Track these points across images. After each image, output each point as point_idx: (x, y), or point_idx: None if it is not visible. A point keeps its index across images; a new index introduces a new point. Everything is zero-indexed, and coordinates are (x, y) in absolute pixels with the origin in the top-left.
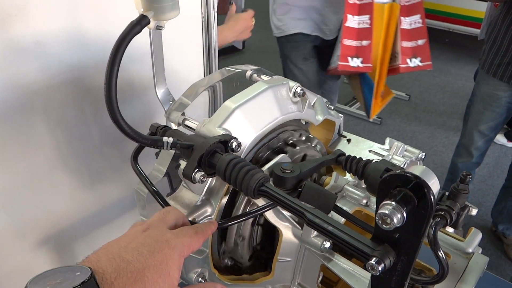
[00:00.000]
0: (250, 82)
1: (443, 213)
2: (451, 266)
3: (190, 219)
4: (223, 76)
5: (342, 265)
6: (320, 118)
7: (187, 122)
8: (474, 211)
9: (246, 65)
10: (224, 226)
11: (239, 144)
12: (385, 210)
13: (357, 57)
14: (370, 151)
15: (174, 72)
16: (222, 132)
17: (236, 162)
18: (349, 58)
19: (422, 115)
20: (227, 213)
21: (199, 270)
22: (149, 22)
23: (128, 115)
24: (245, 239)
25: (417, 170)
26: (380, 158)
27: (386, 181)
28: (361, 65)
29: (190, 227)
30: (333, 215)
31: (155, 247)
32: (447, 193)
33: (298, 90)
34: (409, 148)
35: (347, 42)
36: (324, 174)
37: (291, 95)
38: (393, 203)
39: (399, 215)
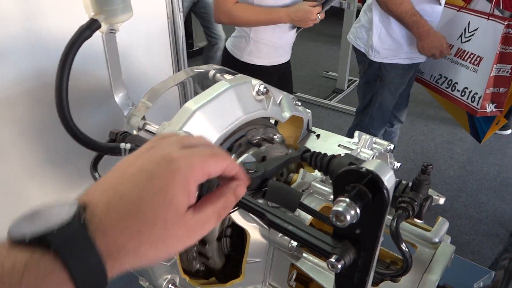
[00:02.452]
0: (214, 82)
1: (405, 205)
2: (418, 256)
3: None
4: (188, 76)
5: (311, 263)
6: (286, 115)
7: (147, 127)
8: (441, 200)
9: (209, 65)
10: None
11: None
12: (338, 208)
13: (493, 103)
14: (339, 145)
15: (142, 74)
16: (183, 135)
17: None
18: (487, 105)
19: None
20: None
21: (169, 276)
22: (99, 26)
23: (96, 122)
24: (214, 242)
25: (372, 164)
26: (349, 152)
27: (340, 177)
28: (494, 109)
29: (209, 148)
30: (300, 213)
31: (154, 172)
32: (410, 184)
33: (261, 88)
34: (378, 140)
35: (489, 90)
36: (293, 172)
37: (254, 93)
38: (347, 199)
39: (352, 212)
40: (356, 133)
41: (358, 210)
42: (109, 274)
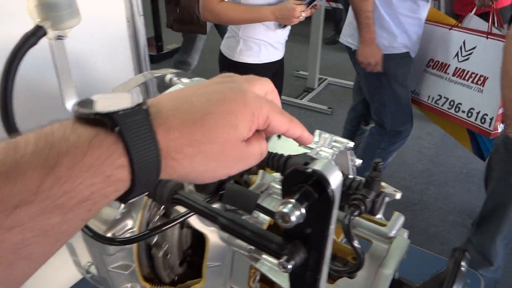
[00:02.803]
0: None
1: (357, 202)
2: (373, 252)
3: (109, 235)
4: (145, 80)
5: (269, 264)
6: None
7: None
8: (398, 195)
9: (166, 68)
10: (144, 238)
11: None
12: (283, 209)
13: (503, 123)
14: (300, 145)
15: (104, 80)
16: None
17: None
18: (498, 125)
19: None
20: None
21: (129, 285)
22: (45, 33)
23: None
24: (173, 247)
25: (319, 164)
26: (309, 151)
27: (287, 178)
28: (503, 129)
29: (279, 107)
30: (259, 214)
31: (228, 96)
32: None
33: None
34: (338, 138)
35: (500, 111)
36: (254, 173)
37: None
38: (293, 200)
39: (297, 213)
40: (317, 132)
41: (303, 211)
42: (160, 175)
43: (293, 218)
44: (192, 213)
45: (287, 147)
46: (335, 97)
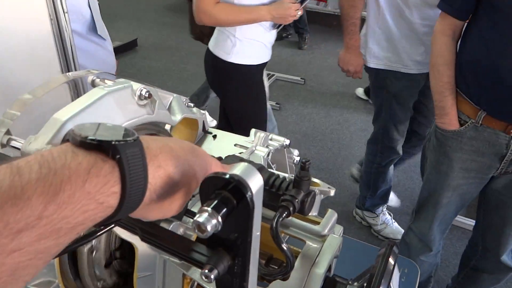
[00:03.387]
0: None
1: (285, 203)
2: (305, 252)
3: None
4: (67, 80)
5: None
6: (177, 118)
7: (13, 142)
8: (332, 192)
9: (87, 70)
10: (62, 254)
11: None
12: (198, 218)
13: None
14: (235, 144)
15: (28, 82)
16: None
17: None
18: None
19: (318, 97)
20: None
21: None
22: None
23: None
24: (101, 244)
25: (237, 169)
26: (244, 151)
27: (204, 185)
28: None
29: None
30: (190, 220)
31: (195, 148)
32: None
33: (143, 92)
34: (275, 136)
35: None
36: None
37: (136, 98)
38: (209, 209)
39: (214, 221)
40: (252, 131)
41: (220, 219)
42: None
43: (209, 228)
44: (113, 226)
45: (221, 147)
46: (283, 92)
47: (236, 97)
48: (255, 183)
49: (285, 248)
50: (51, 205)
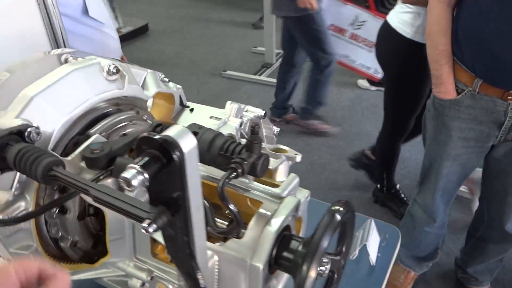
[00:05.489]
0: None
1: (234, 165)
2: (262, 212)
3: (1, 217)
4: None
5: None
6: (150, 93)
7: None
8: (298, 158)
9: (62, 48)
10: (32, 217)
11: (38, 133)
12: (126, 174)
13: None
14: (211, 117)
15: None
16: (20, 122)
17: (26, 151)
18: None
19: None
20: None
21: None
22: None
23: None
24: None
25: (170, 130)
26: (218, 122)
27: (137, 145)
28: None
29: None
30: None
31: None
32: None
33: (111, 68)
34: (250, 108)
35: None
36: None
37: (104, 74)
38: (136, 166)
39: (140, 178)
40: (228, 103)
41: (146, 176)
42: None
43: (134, 183)
44: (73, 192)
45: (197, 120)
46: None
47: None
48: (187, 143)
49: (231, 207)
50: None
